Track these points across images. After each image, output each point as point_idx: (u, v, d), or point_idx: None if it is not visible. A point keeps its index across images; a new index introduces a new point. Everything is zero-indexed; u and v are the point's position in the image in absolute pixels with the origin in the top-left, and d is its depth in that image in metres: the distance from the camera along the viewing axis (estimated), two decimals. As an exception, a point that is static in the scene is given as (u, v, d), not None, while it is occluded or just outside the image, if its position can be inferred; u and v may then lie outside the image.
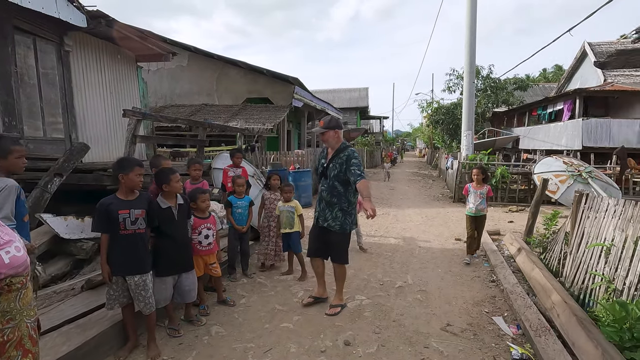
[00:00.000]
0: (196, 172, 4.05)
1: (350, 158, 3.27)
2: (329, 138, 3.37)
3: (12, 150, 2.30)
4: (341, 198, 3.35)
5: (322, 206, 3.45)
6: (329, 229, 3.39)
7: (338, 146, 3.38)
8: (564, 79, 20.44)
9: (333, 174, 3.33)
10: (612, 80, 15.26)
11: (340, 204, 3.36)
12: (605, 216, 3.56)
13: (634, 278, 3.03)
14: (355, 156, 3.31)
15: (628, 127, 12.76)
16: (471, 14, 10.70)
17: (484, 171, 5.04)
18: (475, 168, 5.06)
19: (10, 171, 2.33)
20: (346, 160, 3.27)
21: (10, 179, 2.27)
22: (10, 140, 2.49)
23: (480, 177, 4.95)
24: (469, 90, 11.22)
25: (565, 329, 2.88)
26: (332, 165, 3.34)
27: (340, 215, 3.36)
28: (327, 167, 3.39)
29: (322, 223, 3.44)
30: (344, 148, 3.37)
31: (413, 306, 3.70)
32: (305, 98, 14.69)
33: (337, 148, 3.37)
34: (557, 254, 4.47)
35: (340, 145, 3.39)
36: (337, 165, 3.31)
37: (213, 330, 3.13)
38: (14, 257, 1.51)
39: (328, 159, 3.40)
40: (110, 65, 7.12)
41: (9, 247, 1.51)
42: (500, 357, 2.80)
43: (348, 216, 3.40)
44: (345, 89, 35.50)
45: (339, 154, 3.33)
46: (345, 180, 3.30)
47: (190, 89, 14.92)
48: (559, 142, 14.26)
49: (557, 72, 41.17)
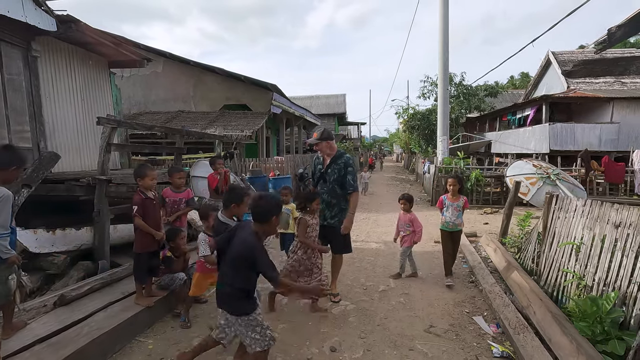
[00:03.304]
0: (180, 180, 3.95)
1: (347, 166, 3.70)
2: (322, 148, 3.76)
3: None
4: (340, 199, 3.73)
5: (322, 207, 3.69)
6: (329, 226, 3.73)
7: (334, 154, 3.78)
8: (530, 86, 21.46)
9: (332, 179, 3.72)
10: (575, 87, 16.17)
11: (340, 204, 3.74)
12: (574, 216, 3.75)
13: (602, 274, 3.20)
14: (350, 164, 3.73)
15: (590, 131, 13.53)
16: (443, 25, 11.08)
17: (460, 181, 4.57)
18: (451, 177, 4.58)
19: (6, 182, 2.43)
20: (344, 167, 3.70)
21: (4, 188, 2.35)
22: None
23: (456, 188, 4.46)
24: (443, 97, 11.58)
25: (541, 325, 3.00)
26: (331, 171, 3.73)
27: (339, 213, 3.74)
28: (325, 172, 3.76)
29: (321, 222, 3.69)
30: (340, 155, 3.77)
31: (397, 309, 3.74)
32: (284, 105, 14.68)
33: (333, 155, 3.76)
34: (530, 254, 4.65)
35: (336, 153, 3.80)
36: (336, 171, 3.71)
37: (195, 342, 3.05)
38: None
39: (325, 165, 3.78)
40: (81, 71, 6.87)
41: None
42: (482, 355, 2.88)
43: (345, 213, 3.74)
44: (323, 96, 35.74)
45: (336, 161, 3.73)
46: (344, 183, 3.72)
47: (166, 96, 14.59)
48: (528, 146, 14.91)
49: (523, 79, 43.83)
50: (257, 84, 13.62)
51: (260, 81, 13.51)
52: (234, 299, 2.22)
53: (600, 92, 15.00)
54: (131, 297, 3.41)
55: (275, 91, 13.66)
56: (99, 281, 3.45)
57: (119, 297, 3.37)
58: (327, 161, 3.78)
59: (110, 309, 3.15)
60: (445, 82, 11.65)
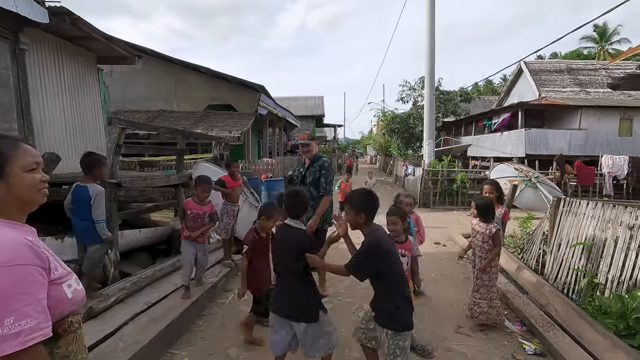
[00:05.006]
0: (205, 194, 3.73)
1: (322, 168, 3.68)
2: (311, 149, 3.76)
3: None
4: (316, 201, 3.60)
5: None
6: None
7: (313, 156, 3.77)
8: (503, 93, 22.56)
9: (309, 181, 3.69)
10: (546, 95, 17.19)
11: (315, 207, 3.58)
12: (585, 218, 3.99)
13: (616, 272, 3.42)
14: (326, 167, 3.71)
15: (561, 137, 14.42)
16: (430, 36, 11.38)
17: (499, 188, 3.68)
18: (487, 184, 3.70)
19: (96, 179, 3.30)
20: (319, 169, 3.69)
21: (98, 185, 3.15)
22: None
23: (494, 196, 3.57)
24: (430, 102, 11.91)
25: (567, 323, 3.17)
26: (309, 173, 3.71)
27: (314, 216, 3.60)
28: (304, 175, 3.76)
29: None
30: (317, 158, 3.78)
31: (421, 310, 3.80)
32: (269, 106, 14.53)
33: (312, 158, 3.75)
34: (535, 254, 4.89)
35: (315, 155, 3.80)
36: (312, 174, 3.70)
37: (231, 351, 2.95)
38: (76, 291, 1.30)
39: (305, 167, 3.78)
40: (69, 67, 6.44)
41: (70, 279, 1.30)
42: (518, 354, 2.99)
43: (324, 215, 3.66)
44: (302, 97, 35.72)
45: (313, 164, 3.73)
46: (318, 186, 3.66)
47: (146, 94, 14.01)
48: (504, 150, 15.66)
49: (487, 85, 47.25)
50: (244, 84, 13.40)
51: (247, 82, 13.31)
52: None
53: (569, 100, 16.04)
54: (154, 307, 3.25)
55: (263, 92, 13.50)
56: (123, 291, 3.26)
57: (143, 307, 3.20)
58: (307, 163, 3.80)
59: (137, 320, 2.99)
60: (431, 88, 12.00)
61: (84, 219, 3.18)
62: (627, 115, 14.66)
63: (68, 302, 1.23)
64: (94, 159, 3.29)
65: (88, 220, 3.17)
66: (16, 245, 1.07)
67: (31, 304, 1.03)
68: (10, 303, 1.00)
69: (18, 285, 1.02)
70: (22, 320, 1.00)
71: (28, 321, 1.01)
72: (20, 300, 1.01)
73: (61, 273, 1.24)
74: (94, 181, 3.24)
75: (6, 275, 1.02)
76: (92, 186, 3.18)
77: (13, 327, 0.98)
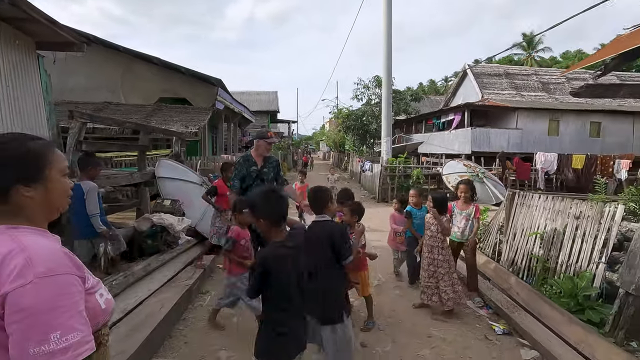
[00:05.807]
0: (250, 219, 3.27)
1: (277, 165, 4.00)
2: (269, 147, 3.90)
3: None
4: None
5: None
6: None
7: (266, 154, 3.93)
8: (450, 94, 24.07)
9: (269, 177, 3.86)
10: (487, 97, 18.68)
11: None
12: (537, 210, 4.46)
13: (564, 257, 3.89)
14: (279, 163, 4.09)
15: (501, 135, 15.80)
16: (387, 36, 11.80)
17: (473, 187, 4.25)
18: (462, 183, 4.27)
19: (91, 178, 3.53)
20: (277, 165, 3.97)
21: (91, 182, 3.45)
22: None
23: (468, 195, 4.15)
24: (387, 101, 12.37)
25: (528, 304, 3.54)
26: (267, 170, 3.86)
27: None
28: (261, 172, 3.83)
29: None
30: (269, 156, 3.95)
31: (397, 302, 4.01)
32: (226, 100, 14.07)
33: (265, 155, 3.89)
34: (492, 243, 5.36)
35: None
36: (271, 169, 3.88)
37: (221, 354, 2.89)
38: (108, 301, 1.23)
39: (260, 165, 3.83)
40: (6, 52, 5.71)
41: (101, 288, 1.22)
42: (489, 335, 3.29)
43: None
44: (254, 92, 35.00)
45: (269, 160, 3.90)
46: (277, 180, 3.96)
47: (87, 85, 12.83)
48: (452, 147, 16.77)
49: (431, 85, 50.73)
50: (199, 77, 12.83)
51: (203, 74, 12.76)
52: None
53: (507, 102, 17.60)
54: (131, 314, 3.07)
55: (220, 86, 13.04)
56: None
57: (121, 315, 3.00)
58: (259, 161, 3.82)
59: (115, 330, 2.80)
60: (388, 86, 12.46)
61: (80, 214, 3.37)
62: (554, 117, 16.47)
63: (102, 312, 1.15)
64: (90, 160, 3.56)
65: (83, 215, 3.37)
66: (54, 253, 0.98)
67: (74, 316, 0.95)
68: (54, 316, 0.91)
69: (61, 297, 0.94)
70: (68, 334, 0.92)
71: (74, 335, 0.93)
72: (64, 313, 0.93)
73: (93, 282, 1.16)
74: (88, 180, 3.44)
75: (48, 287, 0.93)
76: (84, 183, 3.38)
77: (60, 342, 0.90)
